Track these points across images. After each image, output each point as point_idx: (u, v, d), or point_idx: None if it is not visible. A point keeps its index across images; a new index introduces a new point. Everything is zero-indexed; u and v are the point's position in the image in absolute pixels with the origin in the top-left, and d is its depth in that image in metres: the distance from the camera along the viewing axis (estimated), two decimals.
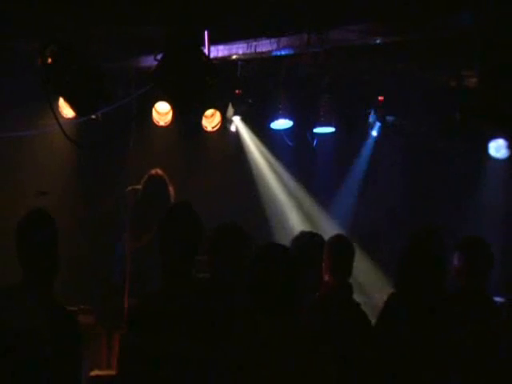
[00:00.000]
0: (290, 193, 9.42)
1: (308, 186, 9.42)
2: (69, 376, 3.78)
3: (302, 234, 5.04)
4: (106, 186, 8.21)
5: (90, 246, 8.04)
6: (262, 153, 9.32)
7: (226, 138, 8.97)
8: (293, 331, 3.29)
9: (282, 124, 8.44)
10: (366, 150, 9.40)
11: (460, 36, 5.96)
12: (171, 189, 7.45)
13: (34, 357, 3.64)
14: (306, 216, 9.20)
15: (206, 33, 6.06)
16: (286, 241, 4.97)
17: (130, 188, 7.56)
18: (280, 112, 8.30)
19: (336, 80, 8.07)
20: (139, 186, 7.57)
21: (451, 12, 5.58)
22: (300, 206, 9.36)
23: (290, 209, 9.34)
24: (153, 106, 7.94)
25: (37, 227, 4.00)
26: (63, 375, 3.74)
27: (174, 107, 7.70)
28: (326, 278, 4.85)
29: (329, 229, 7.92)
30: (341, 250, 4.92)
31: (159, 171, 7.56)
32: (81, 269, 7.69)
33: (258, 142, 9.23)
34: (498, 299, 4.92)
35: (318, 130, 8.55)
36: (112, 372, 6.58)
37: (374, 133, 9.08)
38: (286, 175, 9.41)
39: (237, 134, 9.07)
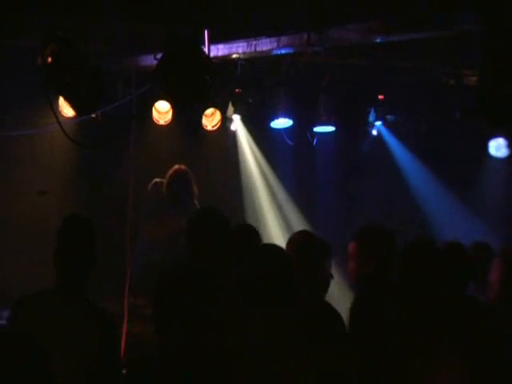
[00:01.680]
0: (287, 194, 9.41)
1: (307, 184, 9.41)
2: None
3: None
4: (106, 186, 8.21)
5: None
6: (260, 152, 9.33)
7: (226, 136, 8.98)
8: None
9: (281, 123, 8.47)
10: (366, 149, 9.40)
11: (460, 35, 5.97)
12: (195, 187, 7.53)
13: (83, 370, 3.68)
14: (304, 217, 9.17)
15: (206, 32, 6.06)
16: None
17: (155, 180, 7.67)
18: (280, 111, 8.34)
19: (336, 79, 8.09)
20: (163, 180, 7.63)
21: (451, 11, 5.58)
22: (296, 208, 9.34)
23: (289, 210, 9.34)
24: (153, 104, 7.94)
25: (75, 230, 4.01)
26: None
27: (173, 106, 7.70)
28: None
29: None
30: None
31: (183, 167, 7.63)
32: None
33: (257, 141, 9.24)
34: None
35: (318, 128, 8.60)
36: None
37: (374, 132, 9.10)
38: (285, 175, 9.41)
39: (236, 133, 9.10)
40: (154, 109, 7.98)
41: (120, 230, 7.67)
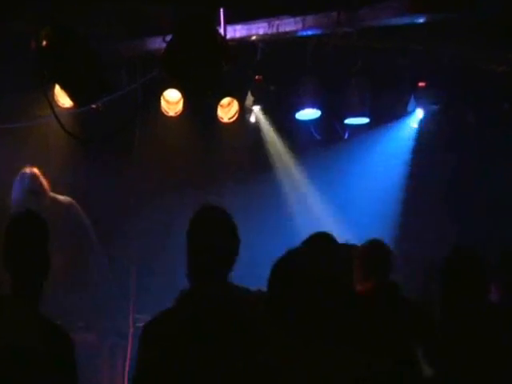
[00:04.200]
0: (316, 194, 9.44)
1: (338, 184, 9.45)
2: None
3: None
4: (107, 185, 8.30)
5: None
6: (283, 148, 9.37)
7: (245, 130, 9.02)
8: None
9: (308, 114, 8.44)
10: (405, 143, 9.42)
11: (508, 16, 6.00)
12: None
13: (26, 376, 3.75)
14: (335, 219, 9.20)
15: (221, 11, 6.14)
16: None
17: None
18: (306, 100, 8.32)
19: (370, 64, 8.11)
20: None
21: None
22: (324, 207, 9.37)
23: (318, 212, 9.34)
24: (161, 94, 7.99)
25: (25, 229, 4.08)
26: None
27: (185, 95, 7.77)
28: None
29: None
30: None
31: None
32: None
33: (281, 135, 9.29)
34: None
35: (349, 120, 8.61)
36: None
37: (414, 124, 9.13)
38: (312, 173, 9.46)
39: (257, 126, 9.14)
40: (162, 98, 8.03)
41: (123, 240, 7.78)
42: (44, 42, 5.65)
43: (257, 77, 8.24)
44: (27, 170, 7.30)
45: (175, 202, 8.24)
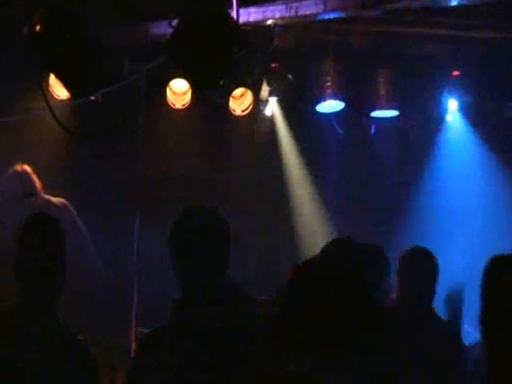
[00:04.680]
0: (337, 197, 9.38)
1: (363, 184, 9.41)
2: None
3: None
4: (108, 185, 8.31)
5: None
6: (302, 144, 9.31)
7: (260, 124, 9.01)
8: None
9: (330, 106, 8.47)
10: (439, 140, 9.37)
11: None
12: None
13: None
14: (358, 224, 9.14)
15: None
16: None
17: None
18: (328, 91, 8.33)
19: (398, 51, 8.08)
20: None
21: None
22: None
23: (339, 217, 9.25)
24: (167, 84, 8.00)
25: (38, 231, 4.10)
26: None
27: (193, 86, 7.75)
28: None
29: None
30: None
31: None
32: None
33: (299, 130, 9.24)
34: None
35: (376, 113, 8.62)
36: None
37: (449, 117, 9.08)
38: (334, 173, 9.41)
39: (273, 120, 9.12)
40: (168, 89, 8.04)
41: (124, 246, 7.77)
42: (37, 27, 5.61)
43: (273, 65, 8.24)
44: (18, 167, 7.30)
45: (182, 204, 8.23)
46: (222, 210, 4.18)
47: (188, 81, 7.71)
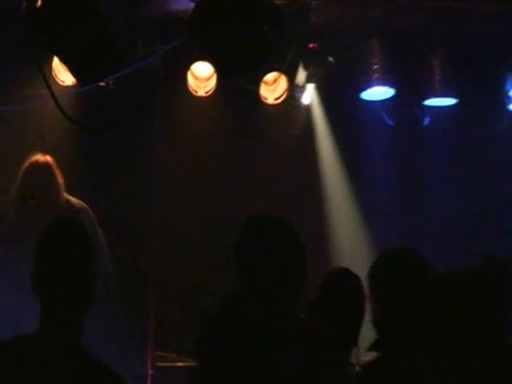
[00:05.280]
0: (385, 195, 9.30)
1: (414, 182, 9.32)
2: None
3: None
4: (121, 181, 8.27)
5: None
6: (345, 136, 9.25)
7: (295, 113, 8.95)
8: None
9: (378, 93, 8.46)
10: (500, 131, 9.30)
11: None
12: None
13: None
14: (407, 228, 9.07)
15: None
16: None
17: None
18: (375, 76, 8.27)
19: (455, 32, 8.01)
20: None
21: None
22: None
23: (385, 218, 9.18)
24: (188, 68, 7.99)
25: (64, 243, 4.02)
26: None
27: (218, 70, 7.72)
28: None
29: None
30: None
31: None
32: None
33: (342, 121, 9.18)
34: None
35: (430, 101, 8.54)
36: None
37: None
38: (381, 168, 9.34)
39: (310, 109, 9.04)
40: (189, 74, 8.03)
41: (136, 259, 7.74)
42: (38, 2, 5.60)
43: (311, 45, 8.17)
44: (40, 158, 7.20)
45: (206, 210, 8.21)
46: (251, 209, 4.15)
47: (212, 64, 7.69)
